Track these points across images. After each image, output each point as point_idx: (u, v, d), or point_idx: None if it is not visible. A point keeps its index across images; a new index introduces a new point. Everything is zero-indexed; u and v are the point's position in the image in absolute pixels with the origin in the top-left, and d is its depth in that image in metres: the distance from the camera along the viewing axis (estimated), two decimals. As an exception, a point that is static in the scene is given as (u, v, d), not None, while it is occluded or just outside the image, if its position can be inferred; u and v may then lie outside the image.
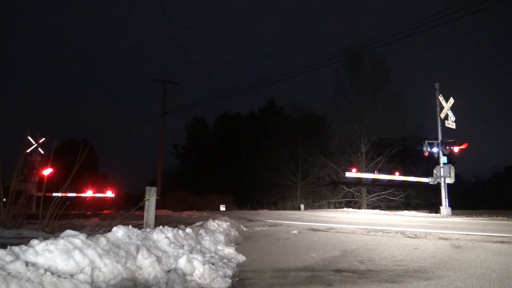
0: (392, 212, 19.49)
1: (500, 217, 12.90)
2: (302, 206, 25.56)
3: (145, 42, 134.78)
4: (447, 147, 16.88)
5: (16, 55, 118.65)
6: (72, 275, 2.57)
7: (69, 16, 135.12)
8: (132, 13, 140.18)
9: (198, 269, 3.35)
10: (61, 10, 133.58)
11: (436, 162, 17.22)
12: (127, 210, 9.30)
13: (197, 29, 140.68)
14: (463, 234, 6.92)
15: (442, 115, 17.28)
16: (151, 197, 5.92)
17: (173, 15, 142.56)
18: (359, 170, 24.84)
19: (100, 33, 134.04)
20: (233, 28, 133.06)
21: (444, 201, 16.52)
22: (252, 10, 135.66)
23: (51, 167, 23.30)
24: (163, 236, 3.95)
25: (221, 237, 5.62)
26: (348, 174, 22.50)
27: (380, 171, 23.53)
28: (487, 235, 6.62)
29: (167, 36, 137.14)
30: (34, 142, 25.21)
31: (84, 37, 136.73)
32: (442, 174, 16.86)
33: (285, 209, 27.60)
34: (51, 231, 6.03)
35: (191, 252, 3.88)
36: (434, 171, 17.24)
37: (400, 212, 18.97)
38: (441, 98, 17.39)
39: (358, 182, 27.60)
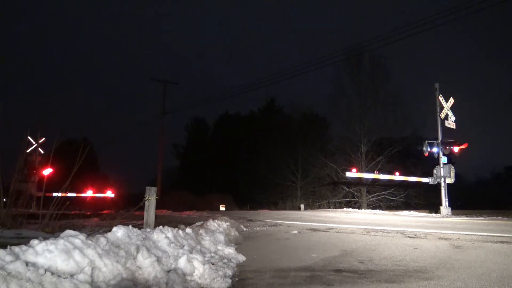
0: (392, 212, 19.49)
1: (500, 217, 12.90)
2: (302, 206, 25.58)
3: (145, 41, 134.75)
4: (447, 147, 16.89)
5: (16, 55, 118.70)
6: (72, 275, 2.57)
7: (69, 16, 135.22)
8: (132, 12, 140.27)
9: (198, 269, 3.35)
10: (61, 10, 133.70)
11: (436, 162, 17.23)
12: (127, 210, 9.32)
13: (197, 29, 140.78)
14: (463, 234, 6.92)
15: (442, 115, 17.29)
16: (151, 197, 5.93)
17: (172, 15, 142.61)
18: (359, 170, 24.84)
19: (100, 32, 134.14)
20: (233, 28, 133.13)
21: (444, 201, 16.53)
22: (252, 10, 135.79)
23: (51, 167, 23.29)
24: (163, 236, 3.95)
25: (221, 237, 5.62)
26: (348, 174, 22.52)
27: (380, 171, 23.51)
28: (487, 235, 6.62)
29: (166, 35, 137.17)
30: (34, 142, 25.17)
31: (84, 37, 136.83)
32: (442, 174, 16.86)
33: (285, 209, 27.61)
34: (51, 231, 6.03)
35: (191, 252, 3.88)
36: (434, 171, 17.24)
37: (400, 212, 18.97)
38: (441, 98, 17.40)
39: (358, 182, 27.59)
